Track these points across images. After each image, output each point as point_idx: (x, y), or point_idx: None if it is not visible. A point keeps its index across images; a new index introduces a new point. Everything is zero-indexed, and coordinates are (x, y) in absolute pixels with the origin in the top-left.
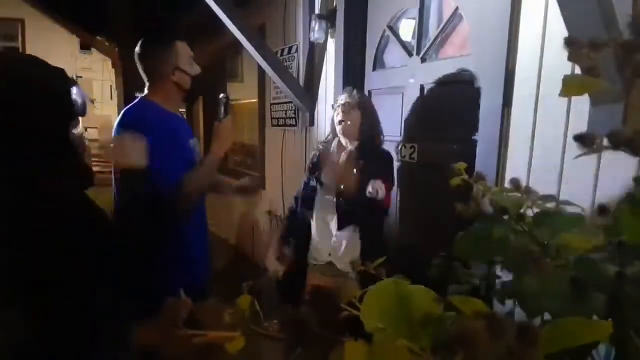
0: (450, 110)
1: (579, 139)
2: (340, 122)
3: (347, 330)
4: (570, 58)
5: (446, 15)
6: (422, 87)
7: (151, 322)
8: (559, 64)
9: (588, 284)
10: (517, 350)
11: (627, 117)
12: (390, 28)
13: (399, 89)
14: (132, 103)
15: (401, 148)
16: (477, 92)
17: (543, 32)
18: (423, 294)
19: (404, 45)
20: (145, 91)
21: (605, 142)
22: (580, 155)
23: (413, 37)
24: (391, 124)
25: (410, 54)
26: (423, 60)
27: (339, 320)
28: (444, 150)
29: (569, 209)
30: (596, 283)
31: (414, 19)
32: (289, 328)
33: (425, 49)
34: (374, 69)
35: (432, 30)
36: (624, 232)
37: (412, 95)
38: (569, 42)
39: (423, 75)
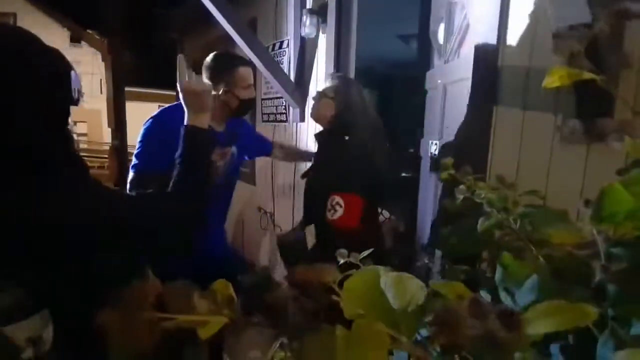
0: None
1: (563, 130)
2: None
3: (325, 316)
4: (555, 50)
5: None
6: (444, 87)
7: (113, 304)
8: (548, 61)
9: (571, 277)
10: (499, 334)
11: (614, 108)
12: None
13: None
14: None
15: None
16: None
17: (533, 28)
18: (405, 282)
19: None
20: None
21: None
22: (567, 142)
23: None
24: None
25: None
26: (446, 62)
27: (320, 305)
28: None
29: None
30: (580, 277)
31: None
32: (266, 312)
33: (447, 52)
34: None
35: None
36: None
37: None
38: (555, 35)
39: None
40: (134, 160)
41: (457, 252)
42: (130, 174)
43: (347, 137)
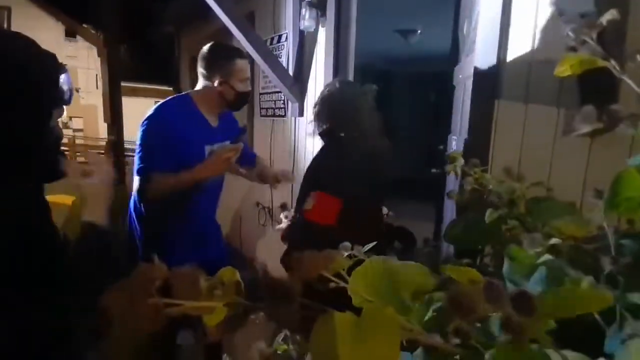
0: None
1: (576, 117)
2: None
3: (331, 303)
4: (567, 38)
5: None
6: (464, 82)
7: (119, 286)
8: (549, 55)
9: (580, 269)
10: (514, 317)
11: (618, 98)
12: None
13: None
14: (177, 95)
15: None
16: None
17: (534, 23)
18: (414, 270)
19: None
20: (196, 87)
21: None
22: (573, 135)
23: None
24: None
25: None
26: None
27: (325, 291)
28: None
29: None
30: (588, 269)
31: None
32: (271, 297)
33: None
34: None
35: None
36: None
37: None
38: (566, 22)
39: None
40: (137, 164)
41: (463, 244)
42: (137, 181)
43: (342, 134)
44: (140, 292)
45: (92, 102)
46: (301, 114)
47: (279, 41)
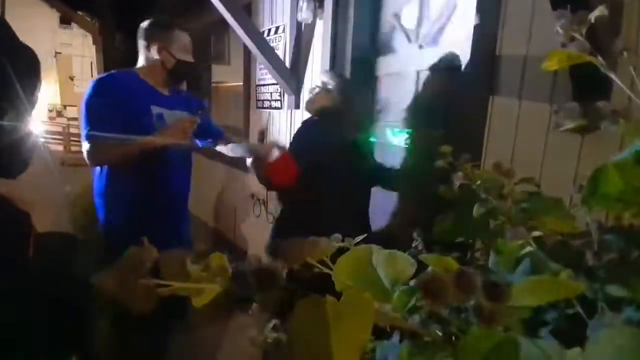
0: (441, 96)
1: (559, 112)
2: None
3: (315, 289)
4: (556, 33)
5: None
6: (417, 74)
7: (112, 269)
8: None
9: (564, 263)
10: (485, 305)
11: (611, 94)
12: (395, 15)
13: (398, 75)
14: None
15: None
16: (466, 79)
17: (530, 18)
18: (397, 258)
19: (405, 32)
20: (137, 64)
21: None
22: (561, 130)
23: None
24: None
25: (409, 41)
26: (420, 47)
27: (309, 275)
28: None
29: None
30: (571, 263)
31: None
32: (256, 279)
33: (422, 36)
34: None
35: (433, 17)
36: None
37: (410, 81)
38: (557, 17)
39: (420, 62)
40: (84, 128)
41: (451, 239)
42: (85, 145)
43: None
44: (132, 274)
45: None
46: (297, 106)
47: (276, 32)
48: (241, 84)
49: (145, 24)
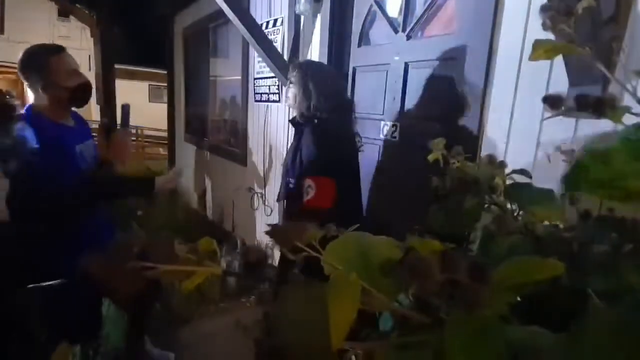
0: (433, 88)
1: (547, 100)
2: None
3: (304, 273)
4: (544, 26)
5: None
6: (406, 65)
7: (102, 255)
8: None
9: (553, 254)
10: (467, 285)
11: (608, 82)
12: (377, 3)
13: (383, 67)
14: (24, 114)
15: (383, 127)
16: (459, 71)
17: (527, 9)
18: (385, 244)
19: (390, 22)
20: (32, 101)
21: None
22: (548, 117)
23: (400, 14)
24: (375, 102)
25: (396, 31)
26: (408, 37)
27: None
28: (426, 128)
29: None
30: (560, 253)
31: None
32: (244, 262)
33: (411, 26)
34: (359, 45)
35: (419, 8)
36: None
37: (397, 73)
38: (543, 9)
39: (408, 53)
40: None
41: (443, 230)
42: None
43: (315, 121)
44: (121, 258)
45: None
46: None
47: (274, 25)
48: (239, 78)
49: (19, 61)
